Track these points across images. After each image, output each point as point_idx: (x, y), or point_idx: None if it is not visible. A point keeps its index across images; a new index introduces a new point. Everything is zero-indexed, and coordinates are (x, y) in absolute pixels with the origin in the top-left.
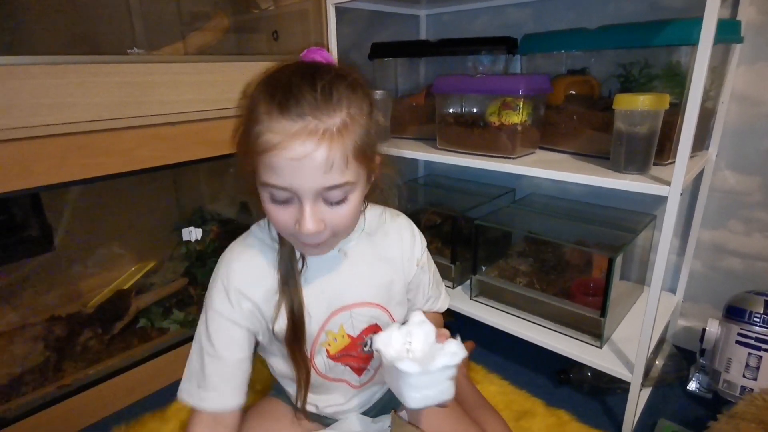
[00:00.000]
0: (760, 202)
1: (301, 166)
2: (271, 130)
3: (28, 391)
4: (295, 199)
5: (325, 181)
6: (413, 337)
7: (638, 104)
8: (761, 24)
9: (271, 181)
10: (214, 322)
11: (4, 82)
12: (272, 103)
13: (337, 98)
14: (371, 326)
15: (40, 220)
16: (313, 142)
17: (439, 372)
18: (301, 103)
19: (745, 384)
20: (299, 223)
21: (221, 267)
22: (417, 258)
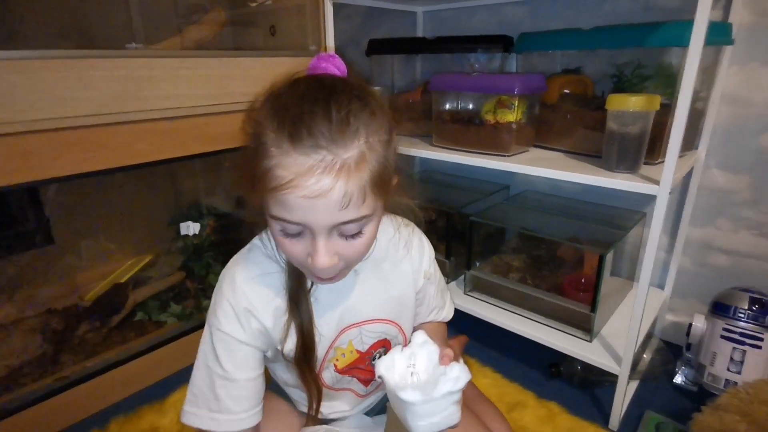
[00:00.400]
0: (748, 201)
1: (316, 203)
2: (281, 165)
3: (27, 383)
4: (307, 233)
5: (341, 216)
6: (416, 359)
7: (629, 105)
8: (752, 26)
9: (282, 216)
10: (222, 343)
11: (3, 76)
12: (282, 134)
13: (355, 127)
14: (380, 341)
15: (39, 214)
16: (330, 178)
17: (442, 398)
18: (315, 134)
19: (729, 377)
20: (312, 257)
21: (226, 285)
22: (425, 270)
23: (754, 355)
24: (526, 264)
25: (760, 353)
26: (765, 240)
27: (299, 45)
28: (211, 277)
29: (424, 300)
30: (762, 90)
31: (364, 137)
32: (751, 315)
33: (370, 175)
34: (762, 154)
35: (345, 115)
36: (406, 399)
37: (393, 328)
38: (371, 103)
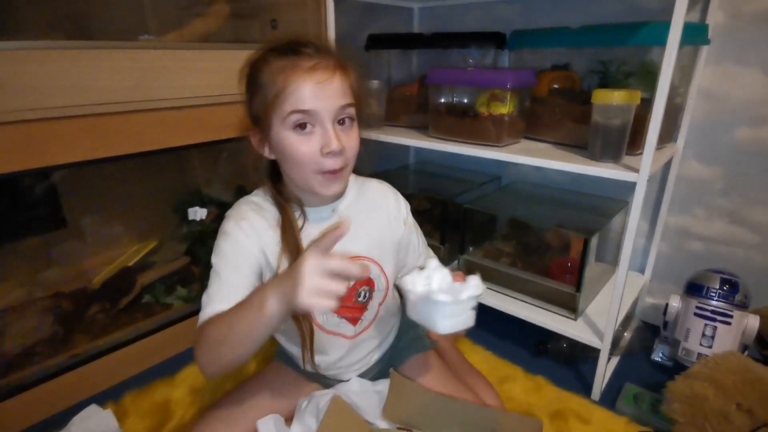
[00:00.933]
0: (721, 191)
1: (324, 88)
2: (294, 69)
3: (43, 360)
4: (317, 128)
5: (340, 101)
6: (432, 280)
7: (613, 99)
8: (727, 28)
9: (298, 107)
10: (225, 243)
11: (24, 66)
12: (288, 54)
13: (333, 50)
14: (364, 279)
15: (53, 199)
16: (330, 70)
17: (466, 302)
18: (311, 50)
19: (701, 351)
20: (326, 145)
21: (232, 213)
22: (403, 218)
23: (724, 330)
24: (517, 249)
25: (730, 329)
26: (735, 227)
27: None
28: None
29: (410, 248)
30: (735, 87)
31: (339, 54)
32: (722, 294)
33: (353, 80)
34: (734, 147)
35: (326, 46)
36: (439, 299)
37: (375, 267)
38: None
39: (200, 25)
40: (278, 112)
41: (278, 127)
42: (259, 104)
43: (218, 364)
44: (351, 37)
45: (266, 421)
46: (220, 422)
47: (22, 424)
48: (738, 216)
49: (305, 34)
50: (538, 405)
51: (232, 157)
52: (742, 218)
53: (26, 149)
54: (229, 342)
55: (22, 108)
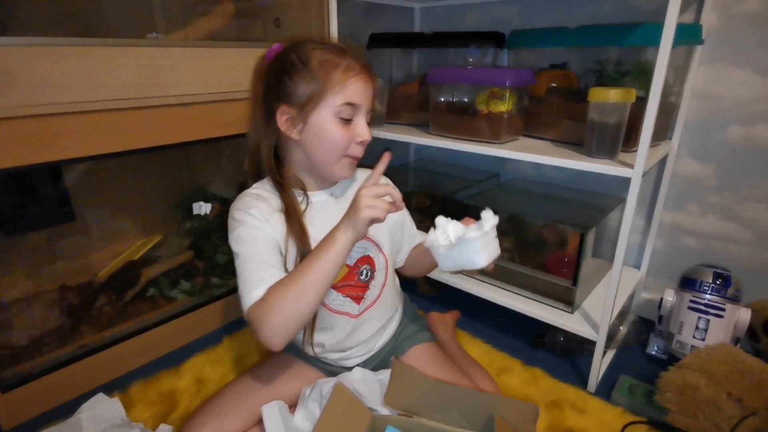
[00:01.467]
0: (714, 188)
1: (368, 88)
2: (351, 67)
3: (50, 351)
4: (355, 119)
5: (372, 102)
6: (449, 232)
7: (609, 97)
8: (720, 28)
9: (350, 100)
10: (244, 231)
11: (38, 62)
12: (340, 53)
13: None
14: (364, 257)
15: (61, 192)
16: (370, 74)
17: (491, 231)
18: (358, 52)
19: (694, 344)
20: (360, 134)
21: (237, 205)
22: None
23: (716, 323)
24: (515, 245)
25: (722, 322)
26: (727, 223)
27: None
28: (218, 256)
29: (404, 227)
30: (728, 87)
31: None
32: (714, 288)
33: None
34: (727, 145)
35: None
36: (470, 236)
37: (373, 246)
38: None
39: (205, 23)
40: (329, 101)
41: (324, 112)
42: (306, 88)
43: (292, 319)
44: (353, 36)
45: (271, 407)
46: (225, 406)
47: (33, 411)
48: (730, 212)
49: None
50: (535, 396)
51: (235, 153)
52: (735, 214)
53: (37, 143)
54: (309, 287)
55: (35, 103)
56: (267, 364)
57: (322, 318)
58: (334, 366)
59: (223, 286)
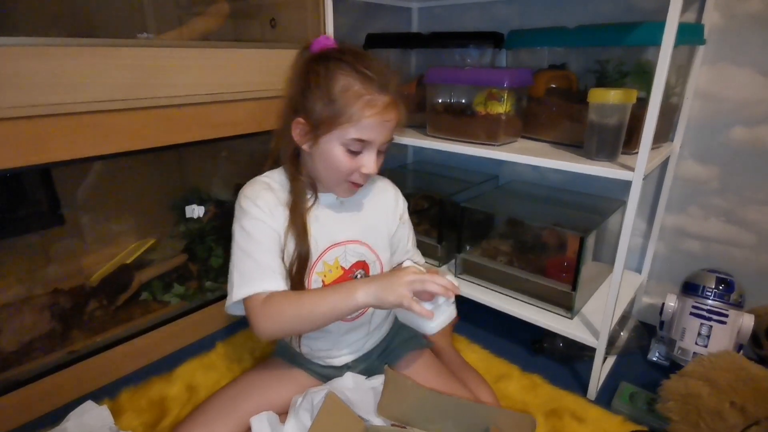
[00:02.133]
0: (717, 190)
1: (386, 126)
2: (371, 103)
3: (40, 356)
4: (364, 150)
5: (389, 137)
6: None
7: (609, 98)
8: (723, 28)
9: (360, 137)
10: (249, 223)
11: (25, 62)
12: (368, 81)
13: (396, 79)
14: (360, 262)
15: (51, 195)
16: (394, 109)
17: (443, 304)
18: (389, 82)
19: (697, 350)
20: (365, 167)
21: (247, 191)
22: (399, 213)
23: (719, 329)
24: (513, 248)
25: (725, 328)
26: (730, 226)
27: (299, 38)
28: (212, 259)
29: (400, 243)
30: (731, 87)
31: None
32: (717, 293)
33: (402, 116)
34: (730, 147)
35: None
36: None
37: (370, 253)
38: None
39: (200, 24)
40: (341, 131)
41: (333, 139)
42: (323, 111)
43: (282, 334)
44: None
45: (260, 418)
46: (213, 413)
47: (19, 420)
48: (734, 215)
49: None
50: (533, 403)
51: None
52: (738, 217)
53: (25, 145)
54: (309, 318)
55: (22, 104)
56: (256, 370)
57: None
58: (323, 367)
59: (217, 290)
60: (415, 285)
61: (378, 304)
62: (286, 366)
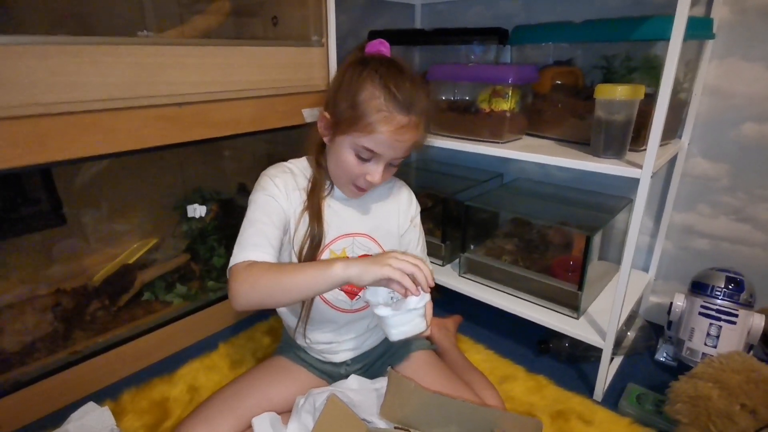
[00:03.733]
0: (727, 187)
1: (398, 146)
2: (387, 120)
3: (42, 357)
4: (372, 160)
5: (402, 154)
6: (379, 293)
7: (616, 94)
8: (732, 22)
9: (370, 147)
10: (261, 197)
11: (23, 61)
12: (390, 98)
13: (425, 103)
14: (366, 255)
15: (52, 195)
16: (411, 132)
17: (408, 312)
18: (411, 103)
19: (705, 351)
20: (370, 174)
21: (269, 171)
22: (411, 216)
23: (729, 330)
24: (518, 247)
25: (735, 328)
26: (741, 224)
27: (301, 35)
28: (215, 259)
29: (408, 246)
30: (741, 83)
31: (425, 104)
32: (727, 293)
33: (423, 130)
34: (740, 143)
35: (422, 94)
36: (379, 314)
37: (377, 249)
38: (425, 86)
39: (201, 21)
40: (355, 136)
41: (347, 141)
42: (344, 113)
43: (257, 302)
44: (352, 34)
45: (262, 419)
46: (214, 411)
47: (21, 421)
48: (744, 213)
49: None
50: (539, 405)
51: (233, 153)
52: (748, 215)
53: (25, 145)
54: (285, 287)
55: (21, 104)
56: (258, 368)
57: (315, 308)
58: (323, 363)
59: (220, 290)
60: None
61: (358, 277)
62: (288, 364)
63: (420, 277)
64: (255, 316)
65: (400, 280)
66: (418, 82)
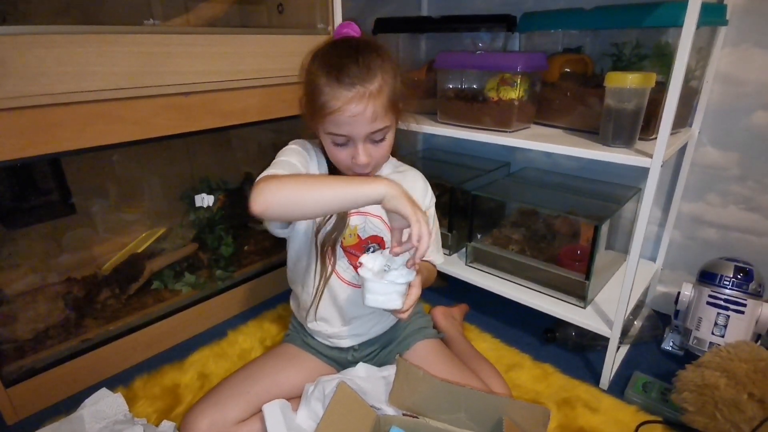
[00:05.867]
0: (737, 177)
1: (356, 120)
2: (333, 98)
3: (54, 344)
4: (350, 142)
5: (371, 128)
6: (393, 262)
7: (627, 82)
8: (746, 7)
9: (335, 131)
10: (285, 154)
11: (31, 51)
12: (331, 78)
13: (374, 69)
14: (377, 236)
15: (61, 185)
16: (363, 104)
17: (389, 284)
18: (352, 77)
19: (713, 341)
20: (355, 158)
21: (290, 144)
22: (426, 206)
23: (736, 319)
24: (525, 237)
25: (743, 318)
26: (751, 214)
27: (307, 23)
28: (222, 248)
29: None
30: (753, 70)
31: (381, 75)
32: (735, 283)
33: (386, 100)
34: (752, 132)
35: (368, 63)
36: (361, 274)
37: (387, 232)
38: (382, 53)
39: (206, 10)
40: (321, 125)
41: (321, 132)
42: (307, 105)
43: (281, 203)
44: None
45: (272, 406)
46: (224, 395)
47: (36, 406)
48: (754, 203)
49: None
50: (545, 393)
51: (240, 143)
52: (758, 205)
53: (33, 135)
54: (314, 188)
55: (30, 93)
56: (267, 354)
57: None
58: (330, 348)
59: (228, 279)
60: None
61: (391, 195)
62: (296, 351)
63: (421, 248)
64: (263, 305)
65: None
66: (369, 51)
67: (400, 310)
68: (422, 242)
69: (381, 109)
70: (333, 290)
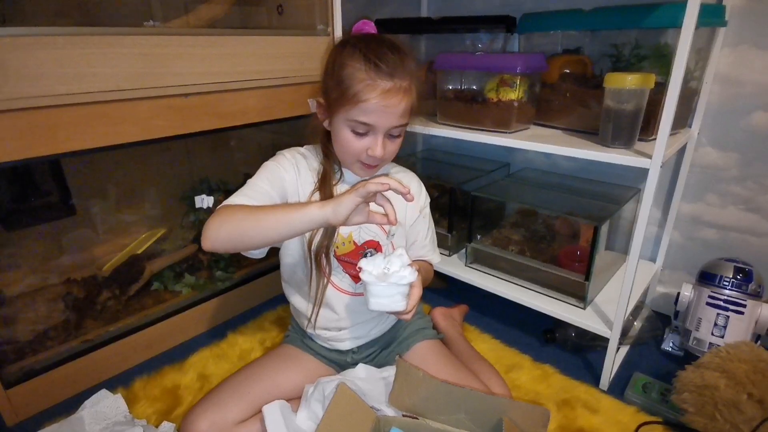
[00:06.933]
0: (736, 177)
1: (387, 111)
2: (371, 86)
3: (54, 345)
4: (370, 133)
5: (397, 121)
6: (391, 264)
7: (626, 83)
8: (744, 8)
9: (360, 119)
10: (271, 164)
11: (31, 52)
12: (369, 67)
13: (408, 67)
14: (372, 241)
15: (61, 186)
16: (398, 97)
17: (392, 286)
18: (391, 68)
19: (713, 341)
20: (371, 149)
21: (284, 151)
22: (420, 206)
23: (736, 320)
24: (525, 237)
25: (742, 318)
26: (750, 214)
27: (307, 24)
28: None
29: (417, 236)
30: (752, 71)
31: (412, 74)
32: (735, 283)
33: (414, 98)
34: (751, 132)
35: (403, 59)
36: (363, 278)
37: (383, 236)
38: (411, 54)
39: (206, 11)
40: (346, 111)
41: (341, 119)
42: (332, 92)
43: (230, 235)
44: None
45: (272, 407)
46: (224, 396)
47: (36, 408)
48: (753, 203)
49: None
50: (545, 393)
51: (240, 144)
52: (758, 205)
53: (33, 137)
54: (258, 224)
55: (30, 95)
56: (266, 356)
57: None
58: (329, 351)
59: (228, 280)
60: (359, 189)
61: (334, 213)
62: (296, 352)
63: (394, 184)
64: (263, 306)
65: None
66: (401, 49)
67: (403, 312)
68: (391, 182)
69: (408, 106)
70: (330, 300)
